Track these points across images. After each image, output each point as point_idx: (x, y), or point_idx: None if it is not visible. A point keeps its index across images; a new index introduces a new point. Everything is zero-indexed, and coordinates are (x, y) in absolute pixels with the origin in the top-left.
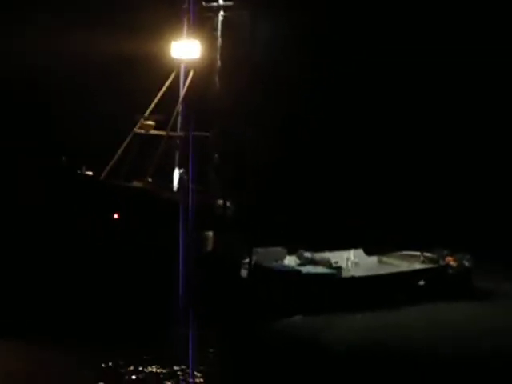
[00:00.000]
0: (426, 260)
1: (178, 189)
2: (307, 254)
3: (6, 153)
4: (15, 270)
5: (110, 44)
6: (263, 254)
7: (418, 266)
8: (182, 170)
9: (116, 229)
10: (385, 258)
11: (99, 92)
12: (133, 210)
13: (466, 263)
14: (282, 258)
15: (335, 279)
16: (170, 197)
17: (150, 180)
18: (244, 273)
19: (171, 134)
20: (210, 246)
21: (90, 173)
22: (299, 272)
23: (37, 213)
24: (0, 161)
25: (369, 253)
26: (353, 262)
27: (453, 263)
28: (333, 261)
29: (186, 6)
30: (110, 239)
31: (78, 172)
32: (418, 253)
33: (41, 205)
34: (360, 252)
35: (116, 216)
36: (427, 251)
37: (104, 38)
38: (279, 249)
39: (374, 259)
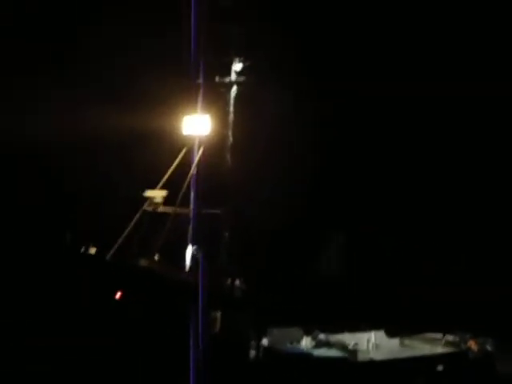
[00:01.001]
0: (448, 343)
1: (190, 267)
2: (322, 336)
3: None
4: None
5: (121, 120)
6: (278, 335)
7: (439, 349)
8: (194, 248)
9: (118, 309)
10: (407, 341)
11: (110, 168)
12: (136, 290)
13: (489, 347)
14: (299, 339)
15: (347, 363)
16: (177, 276)
17: (156, 258)
18: (253, 355)
19: (179, 210)
20: (217, 328)
21: (94, 251)
22: (310, 355)
23: (36, 293)
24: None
25: (391, 334)
26: (374, 343)
27: (474, 347)
28: (352, 342)
29: (199, 81)
30: (112, 320)
31: (80, 250)
32: (440, 335)
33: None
34: (381, 333)
35: (118, 296)
36: (449, 334)
37: (116, 114)
38: (295, 329)
39: (395, 341)
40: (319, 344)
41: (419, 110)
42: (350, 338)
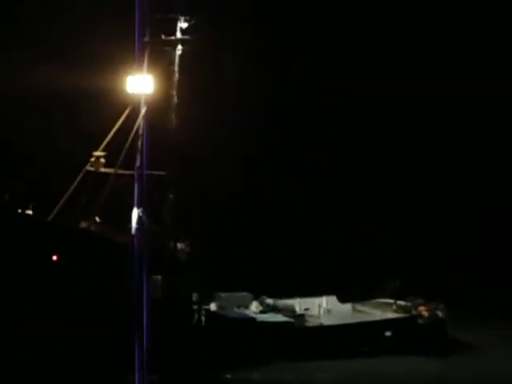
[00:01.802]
0: (399, 309)
1: (137, 229)
2: (269, 301)
3: None
4: None
5: (67, 78)
6: (227, 299)
7: (389, 315)
8: (140, 210)
9: (55, 271)
10: (359, 306)
11: (55, 127)
12: (74, 252)
13: (440, 313)
14: (248, 304)
15: (292, 328)
16: (116, 238)
17: (97, 220)
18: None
19: (121, 172)
20: (158, 291)
21: (30, 212)
22: (253, 320)
23: None
24: None
25: (342, 300)
26: (325, 309)
27: (425, 313)
28: (303, 307)
29: (146, 39)
30: (49, 282)
31: (17, 211)
32: (392, 301)
33: None
34: (333, 299)
35: (55, 258)
36: (401, 299)
37: (62, 72)
38: (244, 294)
39: (347, 307)
40: (266, 309)
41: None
42: (300, 303)
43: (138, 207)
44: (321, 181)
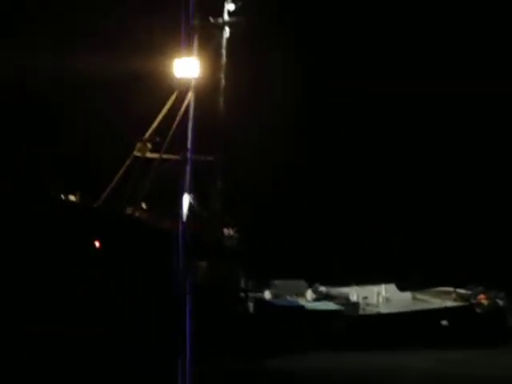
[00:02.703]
0: (458, 297)
1: (187, 216)
2: (323, 289)
3: None
4: None
5: (116, 63)
6: (281, 287)
7: (448, 303)
8: (191, 196)
9: (97, 257)
10: (418, 295)
11: (105, 112)
12: (117, 238)
13: (500, 301)
14: (303, 292)
15: (343, 316)
16: (160, 224)
17: (143, 206)
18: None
19: (167, 157)
20: (203, 277)
21: (73, 198)
22: (302, 308)
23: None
24: None
25: (402, 288)
26: (384, 297)
27: (484, 301)
28: (361, 296)
29: (196, 22)
30: (92, 267)
31: (59, 197)
32: (452, 289)
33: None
34: (393, 287)
35: (97, 244)
36: (461, 287)
37: (112, 58)
38: (299, 281)
39: (407, 295)
40: (320, 297)
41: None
42: (358, 292)
43: (189, 193)
44: (328, 179)
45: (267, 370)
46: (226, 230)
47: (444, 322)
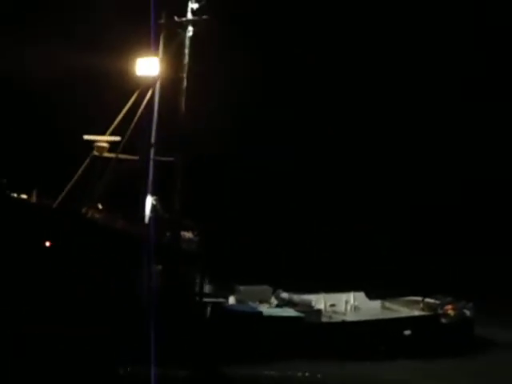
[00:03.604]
0: (426, 307)
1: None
2: (285, 295)
3: None
4: None
5: (78, 60)
6: (245, 292)
7: (416, 313)
8: (154, 197)
9: (47, 257)
10: (388, 303)
11: (62, 110)
12: (68, 238)
13: (468, 312)
14: (268, 298)
15: (301, 324)
16: (112, 224)
17: (99, 206)
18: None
19: (124, 156)
20: (158, 282)
21: (25, 196)
22: (259, 314)
23: None
24: None
25: (371, 297)
26: (352, 305)
27: (451, 312)
28: (329, 303)
29: (161, 21)
30: (41, 267)
31: (7, 194)
32: (421, 299)
33: None
34: (362, 295)
35: (48, 244)
36: (430, 297)
37: (72, 54)
38: (264, 287)
39: (376, 303)
40: (282, 303)
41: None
42: (325, 299)
43: (152, 194)
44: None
45: (216, 377)
46: (185, 233)
47: (407, 332)
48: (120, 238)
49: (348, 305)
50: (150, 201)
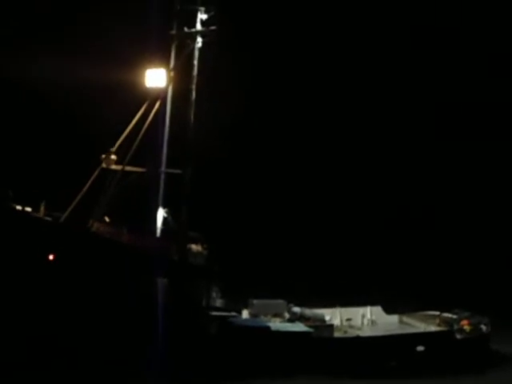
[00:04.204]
0: (442, 322)
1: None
2: (297, 309)
3: None
4: None
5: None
6: (259, 307)
7: (432, 328)
8: (165, 210)
9: (51, 271)
10: (405, 318)
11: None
12: (71, 251)
13: (484, 328)
14: (282, 312)
15: (310, 339)
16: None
17: (106, 219)
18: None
19: (130, 169)
20: (163, 295)
21: (29, 209)
22: (267, 329)
23: None
24: None
25: (389, 311)
26: (369, 320)
27: (466, 327)
28: (345, 318)
29: (173, 32)
30: (44, 281)
31: (14, 207)
32: (438, 313)
33: None
34: (379, 309)
35: (51, 257)
36: (449, 312)
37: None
38: (279, 301)
39: (394, 318)
40: (293, 318)
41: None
42: (341, 313)
43: (163, 207)
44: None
45: None
46: (193, 247)
47: (420, 348)
48: (125, 252)
49: (365, 319)
50: (161, 213)
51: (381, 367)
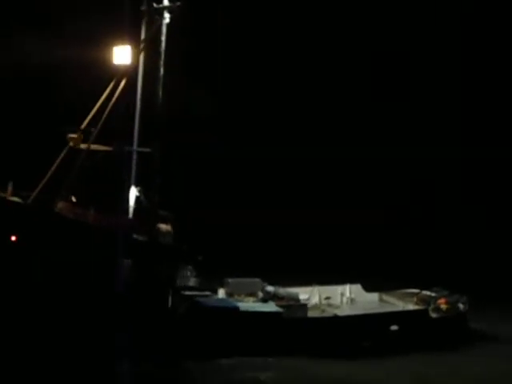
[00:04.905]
0: (419, 300)
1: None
2: (270, 288)
3: None
4: None
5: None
6: (235, 286)
7: (410, 306)
8: (138, 189)
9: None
10: (384, 296)
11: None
12: (33, 232)
13: (461, 306)
14: (257, 291)
15: (280, 319)
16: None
17: (72, 199)
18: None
19: (97, 148)
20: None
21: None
22: (236, 309)
23: None
24: None
25: (369, 289)
26: (348, 298)
27: (443, 306)
28: (324, 296)
29: (144, 7)
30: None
31: None
32: (417, 291)
33: None
34: (358, 287)
35: (14, 238)
36: (427, 290)
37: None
38: (255, 280)
39: (374, 296)
40: (267, 297)
41: None
42: (320, 292)
43: (136, 186)
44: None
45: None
46: (163, 226)
47: (394, 327)
48: (89, 232)
49: (344, 298)
50: (133, 192)
51: (355, 347)
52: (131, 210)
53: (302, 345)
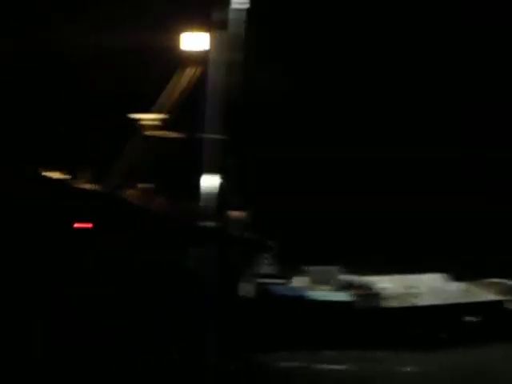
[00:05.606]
0: (502, 291)
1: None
2: (344, 277)
3: None
4: None
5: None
6: (314, 274)
7: (491, 297)
8: (222, 177)
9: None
10: (472, 286)
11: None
12: (97, 218)
13: None
14: (333, 280)
15: (350, 309)
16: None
17: (139, 186)
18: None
19: (167, 135)
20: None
21: (57, 175)
22: (301, 298)
23: None
24: None
25: (455, 279)
26: (431, 288)
27: None
28: (404, 286)
29: None
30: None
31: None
32: (501, 281)
33: None
34: (443, 277)
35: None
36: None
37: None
38: (334, 268)
39: (459, 286)
40: (341, 286)
41: None
42: (402, 281)
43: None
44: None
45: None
46: (234, 213)
47: (471, 318)
48: (151, 219)
49: (425, 287)
50: (215, 180)
51: (431, 338)
52: (209, 197)
53: (374, 336)
